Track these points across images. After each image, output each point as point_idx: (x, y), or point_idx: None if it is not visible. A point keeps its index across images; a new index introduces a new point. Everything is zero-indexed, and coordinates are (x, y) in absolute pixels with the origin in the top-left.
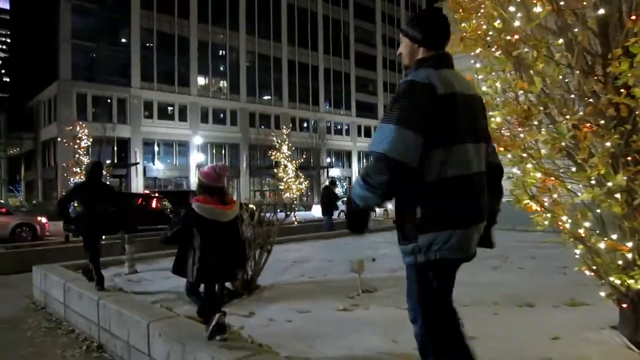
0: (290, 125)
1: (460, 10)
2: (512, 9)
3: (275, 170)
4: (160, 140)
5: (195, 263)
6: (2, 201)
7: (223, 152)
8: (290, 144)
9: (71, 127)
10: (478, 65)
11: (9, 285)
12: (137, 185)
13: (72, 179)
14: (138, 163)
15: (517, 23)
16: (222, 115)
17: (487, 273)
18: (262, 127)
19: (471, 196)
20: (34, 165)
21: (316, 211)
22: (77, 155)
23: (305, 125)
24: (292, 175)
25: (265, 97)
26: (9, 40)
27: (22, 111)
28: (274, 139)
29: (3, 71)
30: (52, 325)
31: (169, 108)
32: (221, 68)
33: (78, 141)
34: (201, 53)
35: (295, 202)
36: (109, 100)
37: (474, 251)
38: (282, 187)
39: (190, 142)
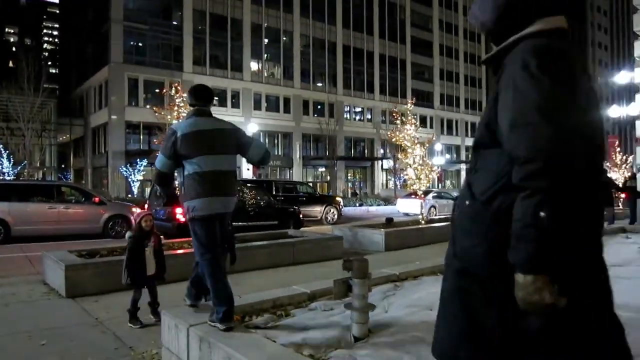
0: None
1: None
2: None
3: (399, 157)
4: None
5: None
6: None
7: (275, 141)
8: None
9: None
10: None
11: (102, 324)
12: None
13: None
14: None
15: None
16: (274, 102)
17: None
18: (316, 115)
19: (212, 181)
20: (83, 153)
21: (403, 206)
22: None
23: (355, 116)
24: (419, 161)
25: (319, 84)
26: (55, 33)
27: (72, 97)
28: (397, 115)
29: (49, 63)
30: None
31: (221, 94)
32: (274, 52)
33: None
34: (254, 36)
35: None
36: (159, 85)
37: (216, 212)
38: (406, 177)
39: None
